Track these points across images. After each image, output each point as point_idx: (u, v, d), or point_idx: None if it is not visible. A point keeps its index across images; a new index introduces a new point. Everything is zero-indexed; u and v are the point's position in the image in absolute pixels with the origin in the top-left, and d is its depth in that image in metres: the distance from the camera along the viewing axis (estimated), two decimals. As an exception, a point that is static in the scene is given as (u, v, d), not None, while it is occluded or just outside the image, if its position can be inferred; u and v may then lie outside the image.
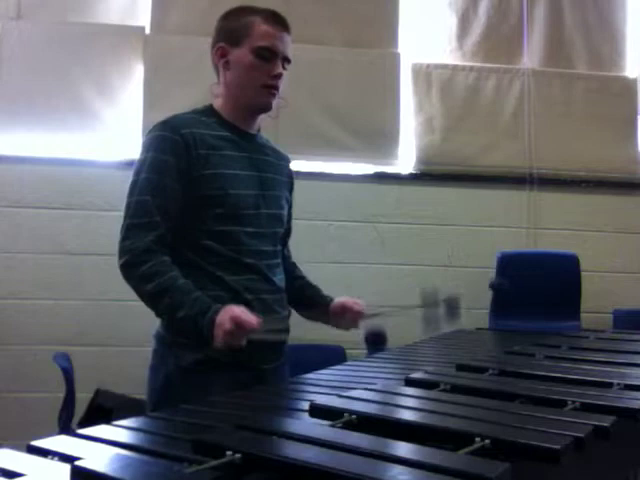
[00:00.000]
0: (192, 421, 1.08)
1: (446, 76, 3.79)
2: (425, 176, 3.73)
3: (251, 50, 1.62)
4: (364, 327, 1.82)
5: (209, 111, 1.70)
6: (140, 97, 3.48)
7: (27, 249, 3.37)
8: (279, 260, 1.73)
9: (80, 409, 2.78)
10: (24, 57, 3.42)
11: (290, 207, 1.83)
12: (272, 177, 1.73)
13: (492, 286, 1.62)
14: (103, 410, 2.72)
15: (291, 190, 1.84)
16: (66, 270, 3.35)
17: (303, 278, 1.91)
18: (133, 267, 1.52)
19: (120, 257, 1.54)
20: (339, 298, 1.82)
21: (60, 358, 2.77)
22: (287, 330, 1.71)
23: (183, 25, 3.49)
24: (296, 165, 3.52)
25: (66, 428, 2.61)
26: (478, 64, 3.82)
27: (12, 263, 3.35)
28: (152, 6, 3.57)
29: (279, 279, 1.70)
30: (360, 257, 3.62)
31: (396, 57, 3.76)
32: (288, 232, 1.86)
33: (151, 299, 1.52)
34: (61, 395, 2.74)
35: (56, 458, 0.86)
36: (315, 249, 3.54)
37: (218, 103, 1.71)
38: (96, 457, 0.80)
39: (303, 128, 3.60)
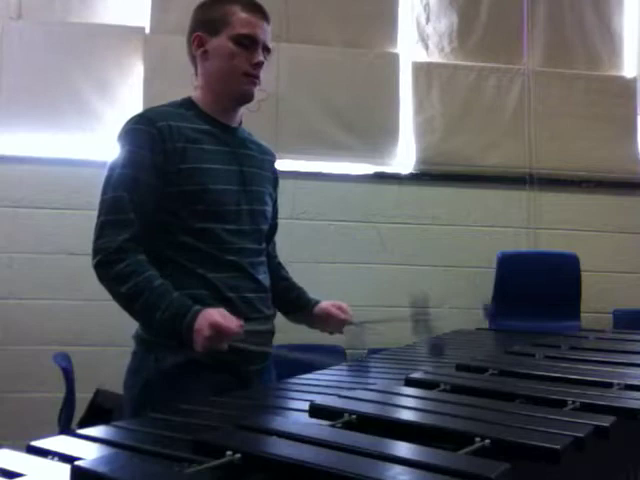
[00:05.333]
0: (192, 421, 1.08)
1: (446, 76, 3.79)
2: (425, 176, 3.73)
3: (231, 38, 1.56)
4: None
5: (187, 103, 1.62)
6: (140, 97, 3.48)
7: (27, 249, 3.37)
8: (263, 258, 1.66)
9: (80, 409, 2.77)
10: (24, 57, 3.42)
11: (275, 203, 1.76)
12: (255, 172, 1.65)
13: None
14: (103, 410, 2.72)
15: (275, 186, 1.76)
16: (66, 270, 3.34)
17: (288, 279, 1.84)
18: (107, 267, 1.45)
19: (94, 256, 1.47)
20: (323, 303, 1.77)
21: (60, 358, 2.76)
22: (272, 332, 1.65)
23: (183, 25, 3.41)
24: (296, 165, 3.58)
25: (66, 428, 2.61)
26: (478, 64, 3.82)
27: (12, 263, 3.35)
28: (152, 6, 3.58)
29: (263, 278, 1.63)
30: (360, 257, 3.62)
31: (396, 57, 3.76)
32: (273, 229, 1.79)
33: (126, 300, 1.45)
34: (61, 395, 2.74)
35: (56, 458, 0.86)
36: (315, 249, 3.53)
37: (197, 95, 1.63)
38: (96, 457, 0.80)
39: (303, 128, 3.60)
